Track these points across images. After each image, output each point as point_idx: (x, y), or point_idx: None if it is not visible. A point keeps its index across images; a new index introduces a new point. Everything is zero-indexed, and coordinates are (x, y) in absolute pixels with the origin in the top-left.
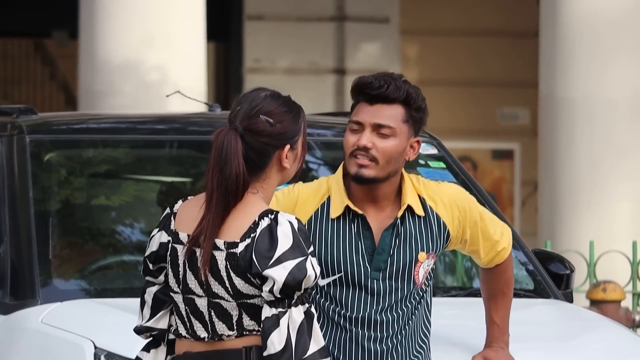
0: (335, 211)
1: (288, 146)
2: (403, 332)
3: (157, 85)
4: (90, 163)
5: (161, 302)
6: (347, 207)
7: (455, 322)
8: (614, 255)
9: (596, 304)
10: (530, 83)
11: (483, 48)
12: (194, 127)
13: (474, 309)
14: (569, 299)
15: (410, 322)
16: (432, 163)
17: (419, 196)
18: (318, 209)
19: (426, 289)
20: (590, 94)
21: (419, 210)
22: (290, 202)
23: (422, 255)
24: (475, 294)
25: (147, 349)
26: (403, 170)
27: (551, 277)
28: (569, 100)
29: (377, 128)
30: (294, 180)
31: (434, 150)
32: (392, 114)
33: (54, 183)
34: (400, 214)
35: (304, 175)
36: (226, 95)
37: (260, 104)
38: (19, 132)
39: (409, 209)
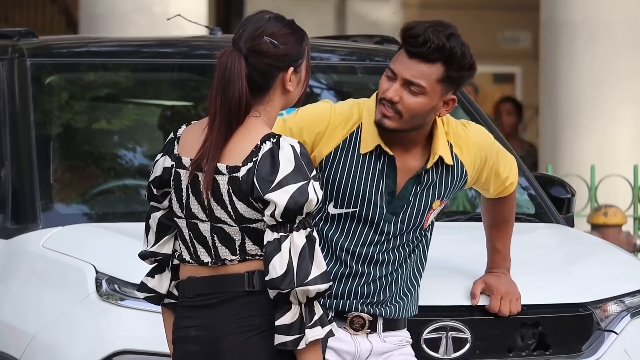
0: (366, 147)
1: (292, 69)
2: (399, 270)
3: (157, 9)
4: (92, 86)
5: (165, 227)
6: (378, 145)
7: (457, 246)
8: (615, 179)
9: (597, 228)
10: (532, 6)
11: None
12: (194, 50)
13: (476, 233)
14: (570, 223)
15: (405, 262)
16: None
17: (448, 142)
18: (346, 138)
19: (428, 228)
20: (591, 17)
21: (449, 160)
22: (322, 120)
23: (436, 203)
24: (477, 218)
25: (151, 274)
26: None
27: (552, 201)
28: (570, 23)
29: (408, 83)
30: (298, 105)
31: None
32: (427, 73)
33: (55, 106)
34: (429, 165)
35: (307, 99)
36: (227, 19)
37: (264, 25)
38: (20, 55)
39: (439, 158)
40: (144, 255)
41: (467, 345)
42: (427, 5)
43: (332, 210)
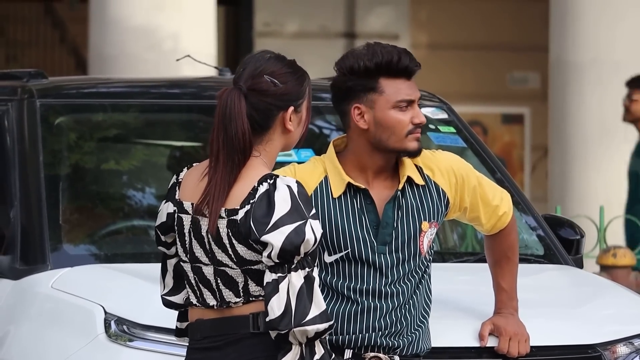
0: (337, 190)
1: (292, 108)
2: (410, 301)
3: (167, 49)
4: (100, 127)
5: (182, 274)
6: (348, 184)
7: (466, 287)
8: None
9: (606, 269)
10: (541, 47)
11: (493, 11)
12: (203, 91)
13: (484, 274)
14: (579, 264)
15: (416, 292)
16: (442, 128)
17: (416, 165)
18: (317, 188)
19: (430, 259)
20: (600, 57)
21: (419, 180)
22: None
23: (425, 225)
24: (485, 259)
25: (185, 319)
26: None
27: (561, 242)
28: (579, 64)
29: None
30: (299, 145)
31: (444, 115)
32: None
33: (64, 147)
34: (401, 186)
35: (317, 139)
36: (236, 60)
37: (264, 64)
38: (29, 96)
39: (408, 179)
40: (169, 305)
41: None
42: (436, 46)
43: (327, 259)
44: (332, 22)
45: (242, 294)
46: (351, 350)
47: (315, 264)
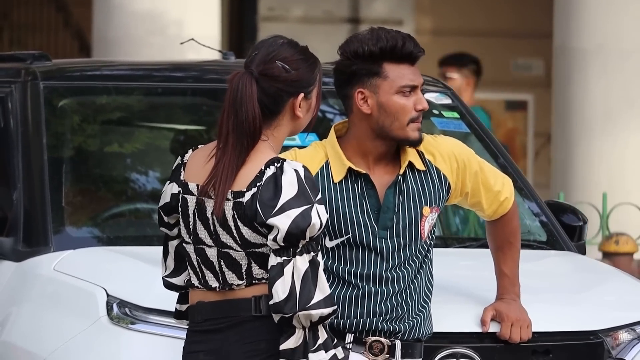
0: (338, 175)
1: (302, 94)
2: (411, 286)
3: (171, 33)
4: (104, 110)
5: (184, 256)
6: (349, 169)
7: (469, 273)
8: (627, 208)
9: (609, 256)
10: (545, 33)
11: None
12: (207, 74)
13: (487, 260)
14: (582, 250)
15: (417, 277)
16: (445, 113)
17: (417, 150)
18: (317, 173)
19: (430, 243)
20: (605, 45)
21: (420, 165)
22: None
23: (426, 210)
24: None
25: (184, 301)
26: None
27: (564, 228)
28: (583, 51)
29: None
30: (307, 130)
31: (447, 100)
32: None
33: (68, 130)
34: (402, 171)
35: (320, 124)
36: (240, 44)
37: (277, 50)
38: (33, 78)
39: (409, 164)
40: (169, 287)
41: None
42: (440, 32)
43: (328, 244)
44: (336, 7)
45: (245, 277)
46: (352, 335)
47: (319, 249)
